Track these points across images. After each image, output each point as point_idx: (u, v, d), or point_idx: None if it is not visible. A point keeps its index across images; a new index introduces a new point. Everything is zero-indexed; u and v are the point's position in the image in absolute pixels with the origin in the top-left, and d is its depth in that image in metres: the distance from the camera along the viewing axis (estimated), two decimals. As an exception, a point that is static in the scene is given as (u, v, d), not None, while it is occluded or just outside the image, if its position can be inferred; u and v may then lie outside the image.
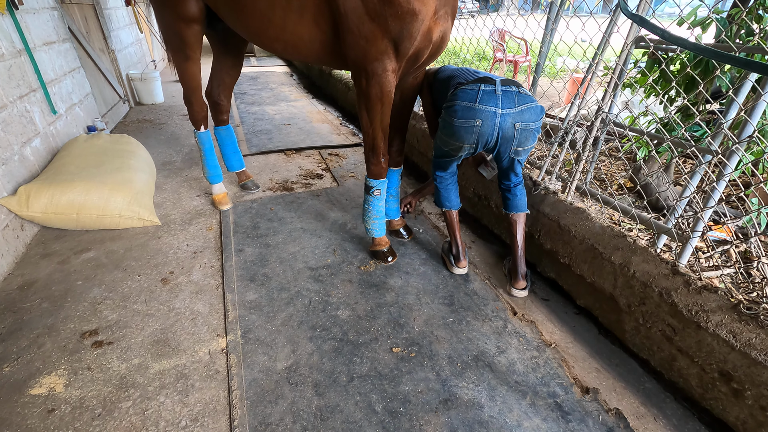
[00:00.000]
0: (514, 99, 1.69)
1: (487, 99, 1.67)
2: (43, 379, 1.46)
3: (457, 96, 1.72)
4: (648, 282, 1.55)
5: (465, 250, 2.12)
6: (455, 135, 1.76)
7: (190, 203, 2.68)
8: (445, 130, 1.81)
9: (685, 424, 1.42)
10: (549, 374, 1.58)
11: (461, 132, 1.73)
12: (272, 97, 5.55)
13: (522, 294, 1.96)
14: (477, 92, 1.68)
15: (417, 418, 1.39)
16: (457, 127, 1.72)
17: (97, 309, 1.78)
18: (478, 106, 1.67)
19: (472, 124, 1.69)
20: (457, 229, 2.10)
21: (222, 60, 2.43)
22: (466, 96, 1.70)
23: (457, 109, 1.71)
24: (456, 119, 1.71)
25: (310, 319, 1.78)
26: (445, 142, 1.85)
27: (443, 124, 1.81)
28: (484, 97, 1.67)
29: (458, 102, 1.71)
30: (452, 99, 1.74)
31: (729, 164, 1.43)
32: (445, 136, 1.82)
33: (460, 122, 1.71)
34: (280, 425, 1.34)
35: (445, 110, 1.78)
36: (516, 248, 1.96)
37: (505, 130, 1.71)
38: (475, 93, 1.68)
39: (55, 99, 2.79)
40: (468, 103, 1.68)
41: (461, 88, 1.73)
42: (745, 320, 1.30)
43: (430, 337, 1.72)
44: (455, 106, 1.71)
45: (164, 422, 1.34)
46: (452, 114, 1.72)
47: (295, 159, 3.51)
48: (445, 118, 1.78)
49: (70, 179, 2.21)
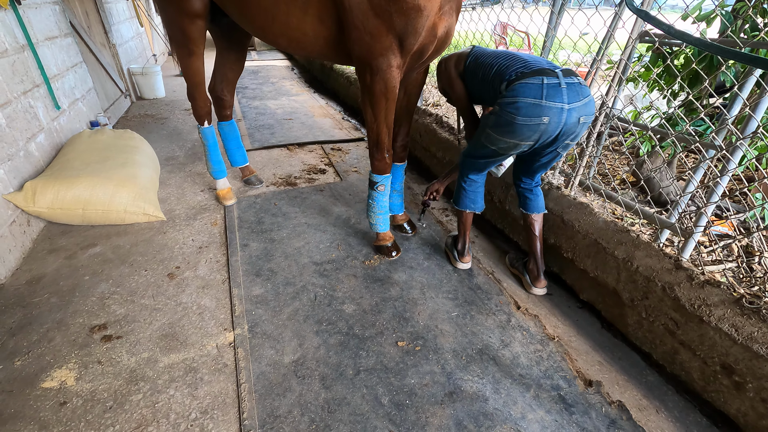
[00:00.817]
0: (579, 91, 1.55)
1: (553, 94, 1.52)
2: (55, 373, 1.48)
3: (517, 91, 1.55)
4: (651, 276, 1.56)
5: (470, 245, 2.11)
6: (515, 133, 1.59)
7: (194, 198, 2.69)
8: (499, 128, 1.63)
9: (686, 416, 1.44)
10: (552, 367, 1.60)
11: (524, 130, 1.57)
12: (274, 92, 5.54)
13: (543, 292, 1.97)
14: (541, 87, 1.52)
15: (423, 410, 1.41)
16: (519, 126, 1.56)
17: (105, 304, 1.80)
18: (545, 102, 1.51)
19: (538, 122, 1.54)
20: (469, 227, 2.06)
21: (225, 55, 2.42)
22: (528, 91, 1.53)
23: (520, 107, 1.53)
24: (519, 117, 1.54)
25: (316, 313, 1.80)
26: (495, 140, 1.68)
27: (497, 122, 1.63)
28: (549, 92, 1.51)
29: (521, 98, 1.53)
30: (511, 94, 1.56)
31: (732, 159, 1.44)
32: (498, 134, 1.65)
33: (524, 120, 1.54)
34: (289, 418, 1.36)
35: (502, 107, 1.59)
36: (536, 248, 1.95)
37: (570, 126, 1.58)
38: (539, 88, 1.52)
39: (58, 94, 2.79)
40: (533, 100, 1.52)
41: (520, 83, 1.55)
42: (747, 314, 1.31)
43: (434, 330, 1.74)
44: (517, 103, 1.54)
45: (175, 415, 1.36)
46: (514, 111, 1.55)
47: (298, 154, 3.52)
48: (501, 115, 1.60)
49: (75, 175, 2.22)
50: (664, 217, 1.80)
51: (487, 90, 1.75)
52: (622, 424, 1.39)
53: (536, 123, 1.54)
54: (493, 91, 1.69)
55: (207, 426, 1.33)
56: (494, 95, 1.69)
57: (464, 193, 1.99)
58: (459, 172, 2.00)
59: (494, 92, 1.69)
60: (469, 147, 1.90)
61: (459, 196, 2.01)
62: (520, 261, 2.09)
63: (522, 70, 1.59)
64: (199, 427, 1.33)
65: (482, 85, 1.77)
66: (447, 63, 1.92)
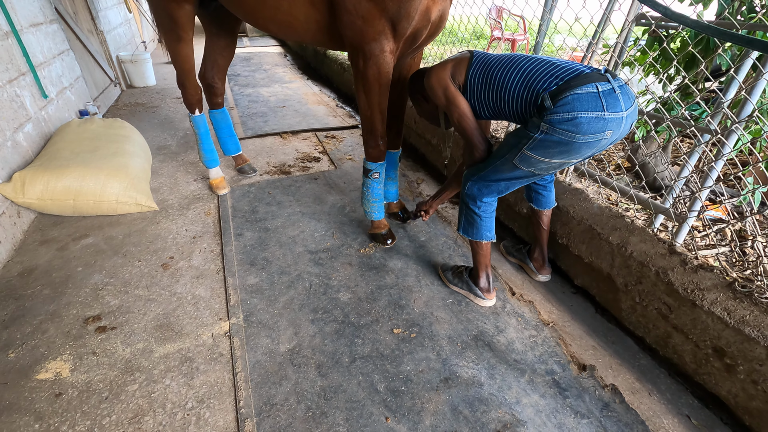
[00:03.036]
0: (630, 94, 1.36)
1: (612, 103, 1.30)
2: (49, 365, 1.47)
3: (572, 104, 1.29)
4: (645, 261, 1.57)
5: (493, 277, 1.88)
6: (571, 153, 1.38)
7: (187, 188, 2.66)
8: (547, 150, 1.39)
9: (678, 398, 1.46)
10: (547, 352, 1.61)
11: (582, 149, 1.36)
12: (266, 79, 5.46)
13: (547, 279, 1.98)
14: (598, 96, 1.29)
15: (419, 396, 1.42)
16: (578, 145, 1.34)
17: (99, 295, 1.79)
18: (608, 115, 1.29)
19: (600, 138, 1.33)
20: (490, 259, 1.79)
21: (215, 41, 2.37)
22: (586, 103, 1.29)
23: (581, 122, 1.29)
24: (580, 135, 1.31)
25: (311, 301, 1.80)
26: (536, 162, 1.44)
27: (544, 142, 1.38)
28: (608, 101, 1.30)
29: (580, 113, 1.29)
30: (565, 109, 1.30)
31: (727, 143, 1.44)
32: (543, 156, 1.41)
33: (585, 138, 1.32)
34: (285, 405, 1.37)
35: (553, 124, 1.33)
36: (544, 240, 1.93)
37: (622, 134, 1.40)
38: (596, 98, 1.29)
39: (45, 83, 2.73)
40: (595, 113, 1.29)
41: (572, 94, 1.30)
42: (740, 298, 1.32)
43: (430, 318, 1.74)
44: (578, 119, 1.29)
45: (171, 404, 1.36)
46: (573, 129, 1.31)
47: (292, 142, 3.48)
48: (551, 134, 1.35)
49: (65, 165, 2.18)
50: (659, 203, 1.80)
51: (509, 103, 1.47)
52: (615, 407, 1.41)
53: (598, 139, 1.33)
54: (522, 105, 1.44)
55: (203, 415, 1.33)
56: (523, 109, 1.45)
57: (480, 221, 1.69)
58: (467, 198, 1.69)
59: (524, 105, 1.44)
60: (486, 170, 1.59)
61: (473, 226, 1.71)
62: (517, 249, 2.08)
63: (565, 77, 1.35)
64: (196, 415, 1.33)
65: (500, 98, 1.48)
66: (437, 75, 1.57)
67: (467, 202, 1.70)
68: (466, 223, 1.74)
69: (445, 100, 1.58)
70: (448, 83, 1.56)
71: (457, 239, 2.26)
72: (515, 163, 1.49)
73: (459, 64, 1.58)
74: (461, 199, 1.74)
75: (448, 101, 1.57)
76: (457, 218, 1.98)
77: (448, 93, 1.56)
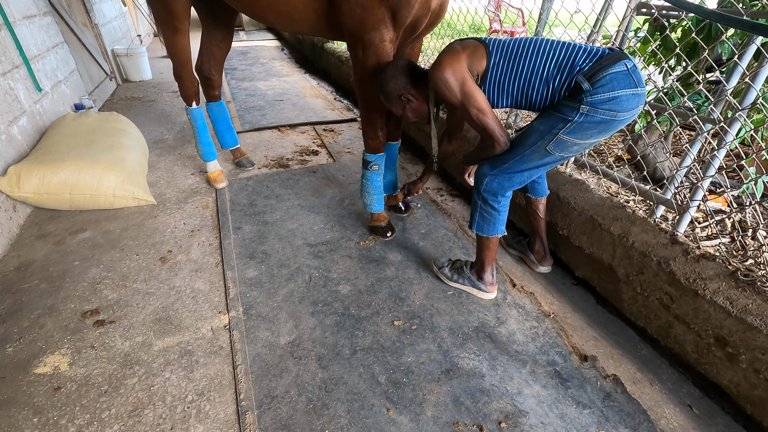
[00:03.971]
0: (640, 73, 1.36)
1: (638, 79, 1.31)
2: (47, 359, 1.46)
3: (611, 84, 1.29)
4: (647, 252, 1.56)
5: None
6: (608, 131, 1.38)
7: (184, 182, 2.64)
8: (587, 131, 1.37)
9: (680, 388, 1.46)
10: (548, 343, 1.60)
11: (617, 126, 1.36)
12: (264, 73, 5.42)
13: (548, 270, 1.97)
14: (629, 73, 1.29)
15: (420, 387, 1.41)
16: (619, 122, 1.35)
17: (97, 289, 1.77)
18: (641, 90, 1.31)
19: (635, 113, 1.36)
20: (496, 252, 1.76)
21: (211, 32, 2.34)
22: (623, 81, 1.29)
23: (622, 100, 1.30)
24: (621, 113, 1.32)
25: (311, 294, 1.79)
26: (572, 145, 1.42)
27: (584, 124, 1.35)
28: (637, 77, 1.30)
29: (620, 91, 1.29)
30: (605, 89, 1.29)
31: (730, 131, 1.42)
32: (581, 138, 1.39)
33: (625, 116, 1.33)
34: (286, 397, 1.36)
35: (594, 105, 1.31)
36: (543, 229, 1.92)
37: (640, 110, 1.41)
38: (628, 75, 1.29)
39: (39, 76, 2.70)
40: (632, 90, 1.30)
41: (610, 74, 1.29)
42: (742, 287, 1.32)
43: (431, 309, 1.73)
44: (619, 97, 1.29)
45: (171, 397, 1.35)
46: (614, 107, 1.31)
47: (290, 135, 3.46)
48: (593, 114, 1.33)
49: (60, 159, 2.16)
50: (659, 193, 1.79)
51: (539, 90, 1.41)
52: (617, 397, 1.41)
53: (633, 115, 1.35)
54: (555, 89, 1.39)
55: (204, 407, 1.33)
56: (554, 93, 1.40)
57: (498, 216, 1.64)
58: (486, 195, 1.62)
59: (556, 90, 1.39)
60: (510, 162, 1.53)
61: (489, 222, 1.66)
62: (518, 241, 2.07)
63: (592, 58, 1.34)
64: (196, 408, 1.32)
65: (529, 85, 1.42)
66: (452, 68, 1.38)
67: (486, 198, 1.62)
68: (481, 220, 1.67)
69: (462, 96, 1.39)
70: (466, 76, 1.39)
71: (457, 231, 2.25)
72: (548, 149, 1.44)
73: (475, 53, 1.42)
74: (477, 196, 1.66)
75: (466, 96, 1.39)
76: (456, 214, 1.96)
77: (466, 87, 1.38)
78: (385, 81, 1.59)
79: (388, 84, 1.59)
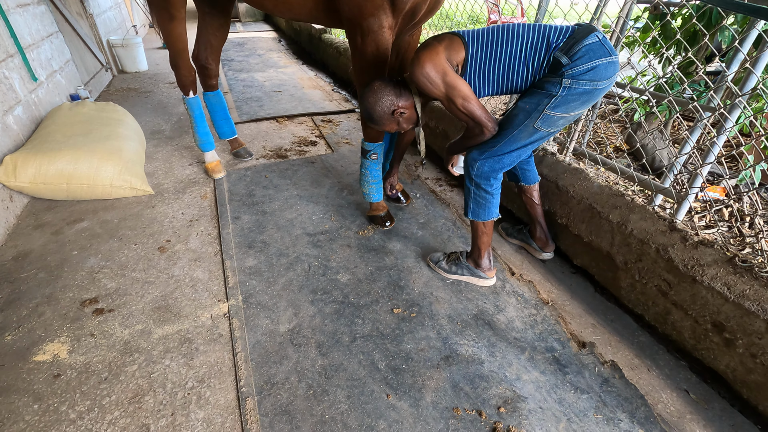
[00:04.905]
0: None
1: (611, 48, 1.36)
2: (47, 347, 1.46)
3: (588, 55, 1.34)
4: (645, 239, 1.56)
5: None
6: (589, 102, 1.43)
7: (182, 172, 2.63)
8: (569, 104, 1.41)
9: (677, 373, 1.47)
10: (547, 330, 1.61)
11: (598, 95, 1.41)
12: (261, 64, 5.37)
13: (550, 256, 1.98)
14: (602, 44, 1.35)
15: (420, 374, 1.42)
16: (599, 91, 1.40)
17: (95, 278, 1.77)
18: (615, 58, 1.37)
19: (612, 81, 1.40)
20: (491, 237, 1.80)
21: (208, 21, 2.32)
22: (598, 51, 1.34)
23: (600, 69, 1.35)
24: (601, 81, 1.37)
25: (310, 283, 1.79)
26: (557, 120, 1.46)
27: (567, 98, 1.40)
28: (608, 46, 1.36)
29: (597, 61, 1.34)
30: (582, 61, 1.34)
31: (730, 117, 1.42)
32: (565, 111, 1.43)
33: (604, 84, 1.38)
34: (286, 384, 1.37)
35: (575, 77, 1.36)
36: (541, 215, 1.93)
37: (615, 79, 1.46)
38: (601, 45, 1.34)
39: (34, 65, 2.67)
40: (608, 58, 1.35)
41: (584, 46, 1.34)
42: (740, 273, 1.32)
43: (430, 297, 1.74)
44: (597, 67, 1.34)
45: (171, 384, 1.36)
46: (594, 77, 1.35)
47: (288, 126, 3.44)
48: (574, 87, 1.37)
49: (57, 148, 2.14)
50: (658, 183, 1.79)
51: (520, 73, 1.45)
52: (615, 383, 1.42)
53: (610, 83, 1.41)
54: (535, 70, 1.43)
55: (204, 394, 1.33)
56: (536, 73, 1.44)
57: (491, 199, 1.66)
58: (479, 180, 1.64)
59: (536, 70, 1.43)
60: (499, 144, 1.55)
61: (483, 207, 1.68)
62: (518, 230, 2.07)
63: (564, 34, 1.38)
64: (197, 395, 1.33)
65: (510, 69, 1.45)
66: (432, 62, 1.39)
67: (479, 183, 1.64)
68: (476, 206, 1.69)
69: (445, 87, 1.42)
70: (446, 68, 1.40)
71: (455, 221, 2.25)
72: (536, 126, 1.48)
73: (451, 45, 1.43)
74: (469, 183, 1.67)
75: (449, 87, 1.41)
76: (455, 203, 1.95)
77: (448, 79, 1.40)
78: (371, 108, 1.56)
79: (375, 110, 1.56)
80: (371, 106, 1.56)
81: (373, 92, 1.55)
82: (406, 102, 1.56)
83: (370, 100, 1.55)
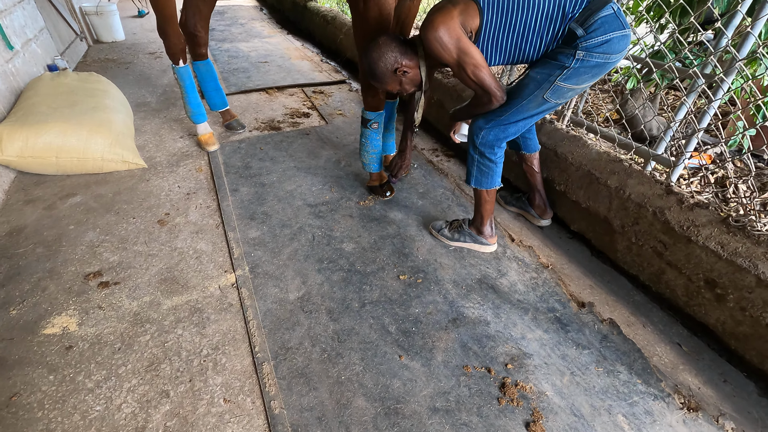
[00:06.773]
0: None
1: (625, 21, 1.35)
2: (54, 320, 1.45)
3: (603, 27, 1.31)
4: (642, 202, 1.62)
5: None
6: (600, 74, 1.43)
7: (174, 145, 2.56)
8: (581, 76, 1.41)
9: (669, 328, 1.56)
10: (548, 292, 1.68)
11: (606, 68, 1.41)
12: (244, 34, 5.19)
13: (548, 223, 2.03)
14: (617, 16, 1.32)
15: (429, 335, 1.47)
16: (611, 64, 1.39)
17: (96, 251, 1.74)
18: (628, 32, 1.36)
19: (622, 56, 1.39)
20: (494, 204, 1.81)
21: (196, -15, 2.22)
22: (613, 24, 1.32)
23: (614, 42, 1.33)
24: (614, 54, 1.36)
25: (315, 252, 1.80)
26: (567, 91, 1.46)
27: (579, 70, 1.39)
28: (623, 19, 1.34)
29: (611, 34, 1.32)
30: (597, 33, 1.32)
31: (726, 80, 1.46)
32: (576, 83, 1.43)
33: (616, 57, 1.38)
34: (300, 349, 1.40)
35: (589, 50, 1.34)
36: (540, 183, 1.96)
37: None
38: (615, 17, 1.32)
39: (8, 32, 2.52)
40: (622, 32, 1.33)
41: (600, 18, 1.31)
42: (733, 231, 1.39)
43: (434, 264, 1.78)
44: (611, 40, 1.33)
45: (186, 352, 1.37)
46: (607, 50, 1.34)
47: (278, 98, 3.36)
48: (587, 59, 1.36)
49: (43, 120, 2.06)
50: (652, 150, 1.84)
51: (535, 43, 1.42)
52: (613, 338, 1.50)
53: (621, 56, 1.40)
54: (550, 40, 1.41)
55: (220, 360, 1.35)
56: (549, 43, 1.42)
57: (495, 168, 1.68)
58: (483, 148, 1.64)
59: (551, 40, 1.41)
60: (507, 114, 1.55)
61: (487, 175, 1.69)
62: (516, 198, 2.11)
63: (578, 4, 1.34)
64: (212, 361, 1.35)
65: (524, 39, 1.42)
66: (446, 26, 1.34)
67: (483, 152, 1.65)
68: (479, 174, 1.70)
69: (457, 53, 1.37)
70: (460, 33, 1.35)
71: (454, 190, 2.28)
72: (545, 97, 1.47)
73: (466, 10, 1.37)
74: (473, 151, 1.67)
75: (462, 53, 1.37)
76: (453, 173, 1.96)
77: (461, 44, 1.35)
78: (374, 63, 1.51)
79: (377, 65, 1.51)
80: (374, 61, 1.51)
81: (378, 47, 1.51)
82: (411, 62, 1.53)
83: (373, 55, 1.51)
